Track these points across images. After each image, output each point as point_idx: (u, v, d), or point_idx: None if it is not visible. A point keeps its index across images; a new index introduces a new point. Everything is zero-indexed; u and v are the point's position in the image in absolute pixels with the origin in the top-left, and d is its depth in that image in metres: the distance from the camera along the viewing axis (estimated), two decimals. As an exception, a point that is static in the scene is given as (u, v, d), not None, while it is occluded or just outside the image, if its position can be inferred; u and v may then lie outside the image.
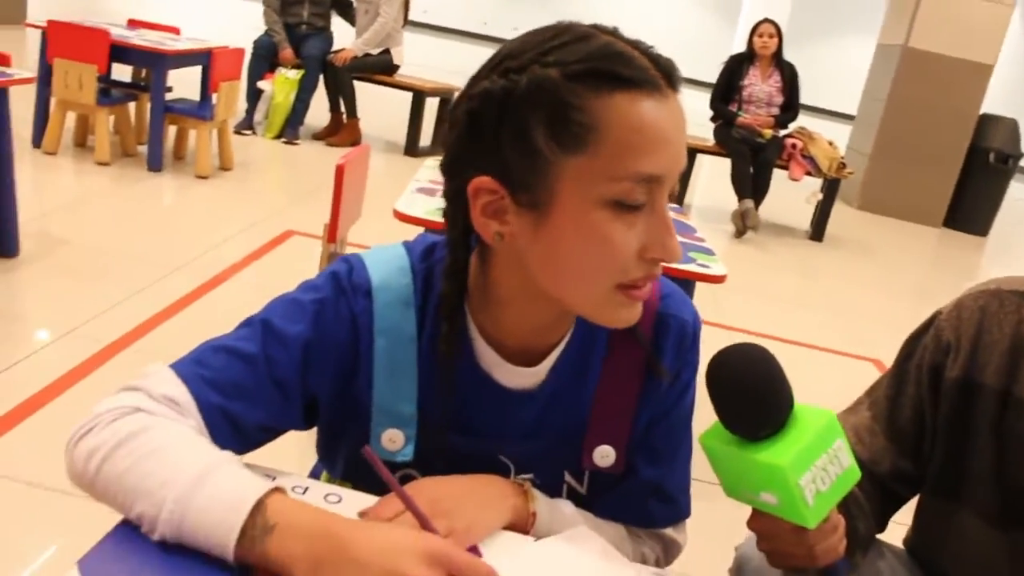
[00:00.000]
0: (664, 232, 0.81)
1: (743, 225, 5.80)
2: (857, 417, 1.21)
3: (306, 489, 0.87)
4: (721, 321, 3.99)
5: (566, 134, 0.78)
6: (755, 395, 0.83)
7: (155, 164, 4.80)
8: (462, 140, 0.84)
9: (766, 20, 6.12)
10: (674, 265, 2.05)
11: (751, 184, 5.87)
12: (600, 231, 0.80)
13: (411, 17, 6.52)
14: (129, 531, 0.76)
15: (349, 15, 6.56)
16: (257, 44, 6.19)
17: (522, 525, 0.91)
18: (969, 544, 1.13)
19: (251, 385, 0.89)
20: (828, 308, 4.88)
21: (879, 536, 1.23)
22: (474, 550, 0.83)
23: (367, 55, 6.31)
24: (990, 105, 7.97)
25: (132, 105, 5.09)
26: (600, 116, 0.77)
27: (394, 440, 0.95)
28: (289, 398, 0.91)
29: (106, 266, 3.40)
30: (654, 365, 0.97)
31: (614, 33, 0.83)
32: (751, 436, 0.84)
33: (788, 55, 6.13)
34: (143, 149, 4.96)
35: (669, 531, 1.05)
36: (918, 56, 7.75)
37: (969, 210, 8.09)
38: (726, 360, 0.85)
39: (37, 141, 4.75)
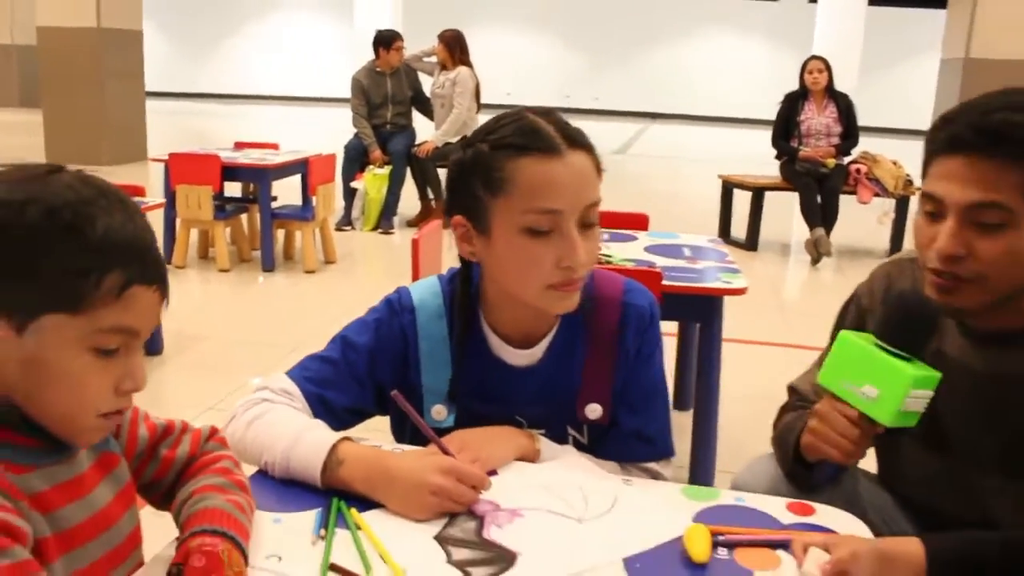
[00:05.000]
0: (570, 248, 1.19)
1: (816, 252, 6.00)
2: (811, 375, 1.53)
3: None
4: (790, 341, 4.23)
5: (492, 185, 1.19)
6: (919, 321, 1.18)
7: (268, 265, 5.43)
8: (447, 193, 1.28)
9: (814, 57, 6.42)
10: (701, 284, 2.42)
11: (820, 212, 6.09)
12: (521, 248, 1.20)
13: (496, 100, 7.02)
14: (260, 475, 1.19)
15: (428, 110, 7.12)
16: (348, 147, 6.81)
17: (530, 458, 1.28)
18: (909, 465, 1.42)
19: (336, 379, 1.31)
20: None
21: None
22: (492, 474, 1.20)
23: (447, 144, 6.85)
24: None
25: (244, 216, 5.76)
26: (512, 172, 1.19)
27: (439, 412, 1.34)
28: (364, 387, 1.33)
29: (235, 355, 3.96)
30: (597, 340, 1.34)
31: (545, 114, 1.24)
32: (894, 347, 1.15)
33: (866, 81, 6.37)
34: (257, 254, 5.62)
35: (653, 465, 1.39)
36: (981, 66, 7.88)
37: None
38: (911, 292, 1.24)
39: (168, 257, 5.43)
